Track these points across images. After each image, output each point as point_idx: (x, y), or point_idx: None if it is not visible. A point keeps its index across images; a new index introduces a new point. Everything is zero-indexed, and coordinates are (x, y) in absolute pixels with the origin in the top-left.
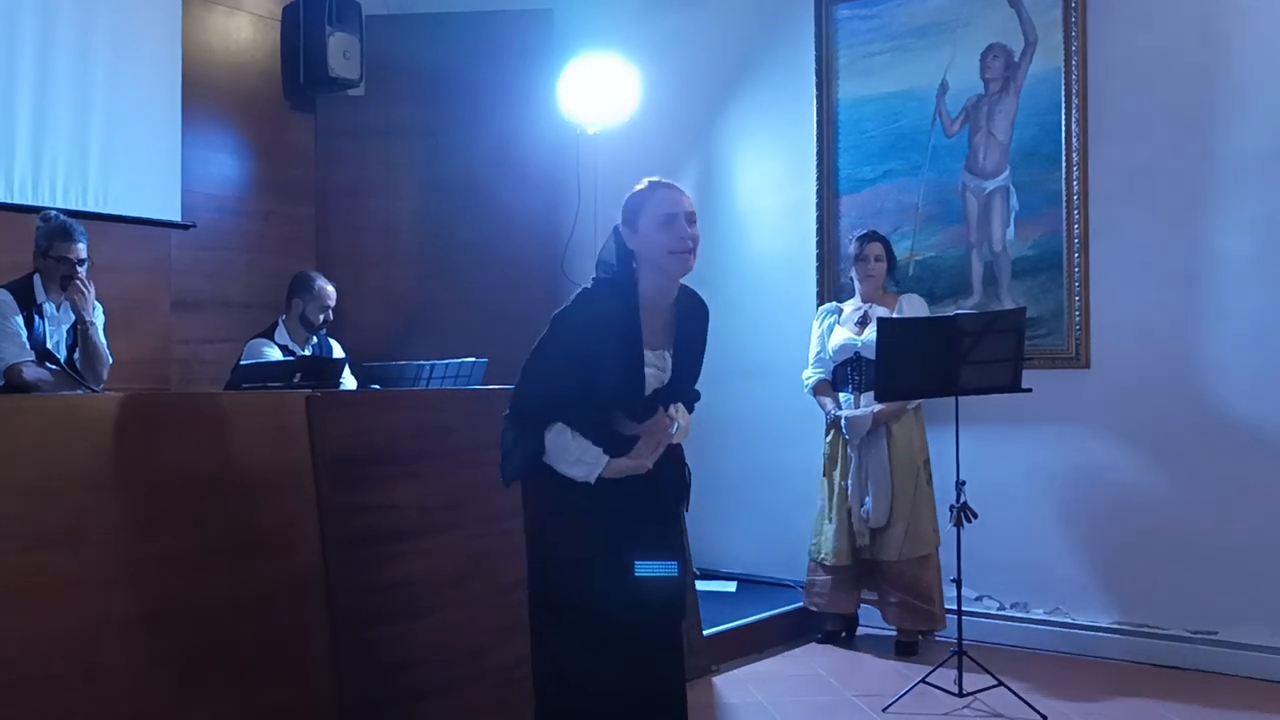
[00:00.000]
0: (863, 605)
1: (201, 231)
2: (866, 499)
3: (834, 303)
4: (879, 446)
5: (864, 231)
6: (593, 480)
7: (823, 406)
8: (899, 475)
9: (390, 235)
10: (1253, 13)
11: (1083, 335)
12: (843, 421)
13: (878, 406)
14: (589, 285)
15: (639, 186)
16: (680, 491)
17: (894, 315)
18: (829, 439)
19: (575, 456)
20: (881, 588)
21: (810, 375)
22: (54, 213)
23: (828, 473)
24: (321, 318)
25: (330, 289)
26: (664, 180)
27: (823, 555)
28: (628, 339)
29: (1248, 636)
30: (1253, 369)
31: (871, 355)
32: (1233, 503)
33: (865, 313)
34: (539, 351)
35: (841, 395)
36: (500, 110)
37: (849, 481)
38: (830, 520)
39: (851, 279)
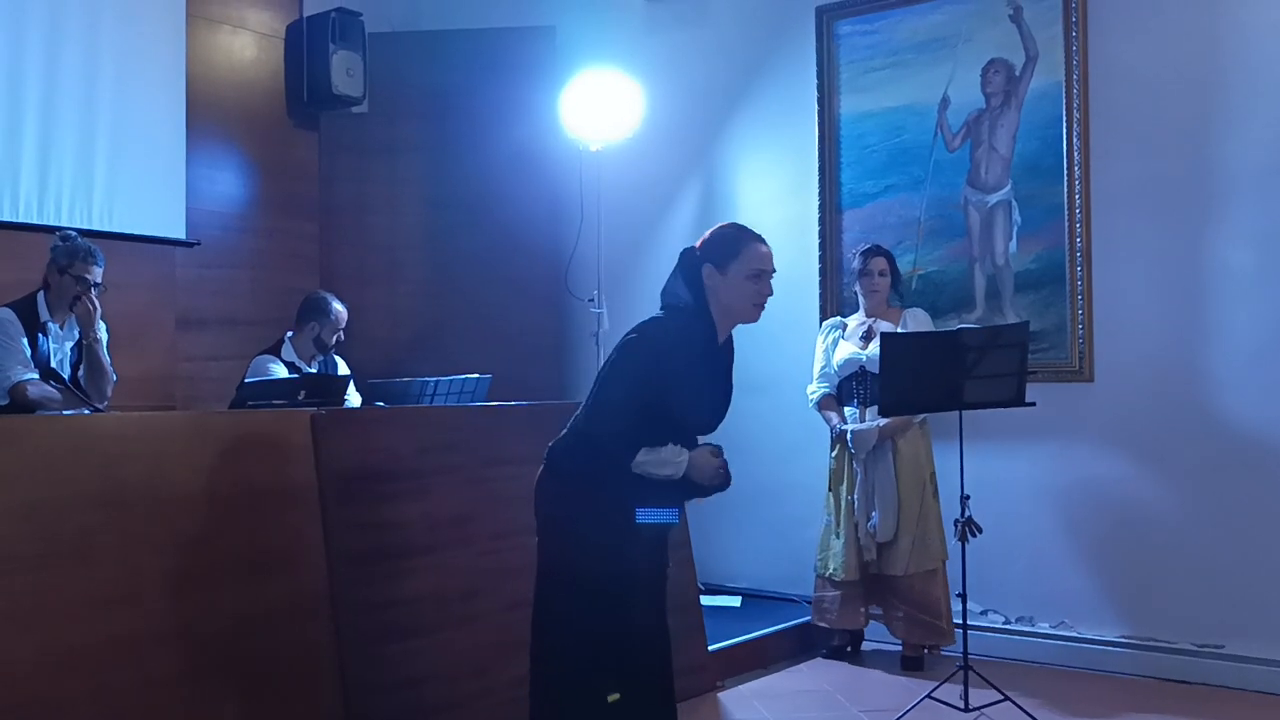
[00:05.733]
0: (870, 621)
1: (206, 249)
2: (873, 513)
3: (839, 317)
4: (885, 461)
5: (868, 246)
6: (680, 474)
7: (828, 421)
8: (905, 489)
9: (394, 252)
10: (1253, 26)
11: (1086, 349)
12: (848, 436)
13: (883, 420)
14: (663, 314)
15: (725, 226)
16: None
17: (899, 330)
18: (834, 453)
19: (668, 459)
20: (889, 602)
21: (815, 390)
22: (74, 234)
23: (834, 487)
24: (335, 339)
25: (345, 312)
26: (754, 230)
27: (831, 571)
28: (716, 369)
29: (1254, 650)
30: (1257, 382)
31: (876, 369)
32: (1238, 515)
33: (870, 327)
34: (619, 378)
35: (847, 409)
36: (503, 127)
37: (855, 496)
38: (838, 535)
39: (856, 293)
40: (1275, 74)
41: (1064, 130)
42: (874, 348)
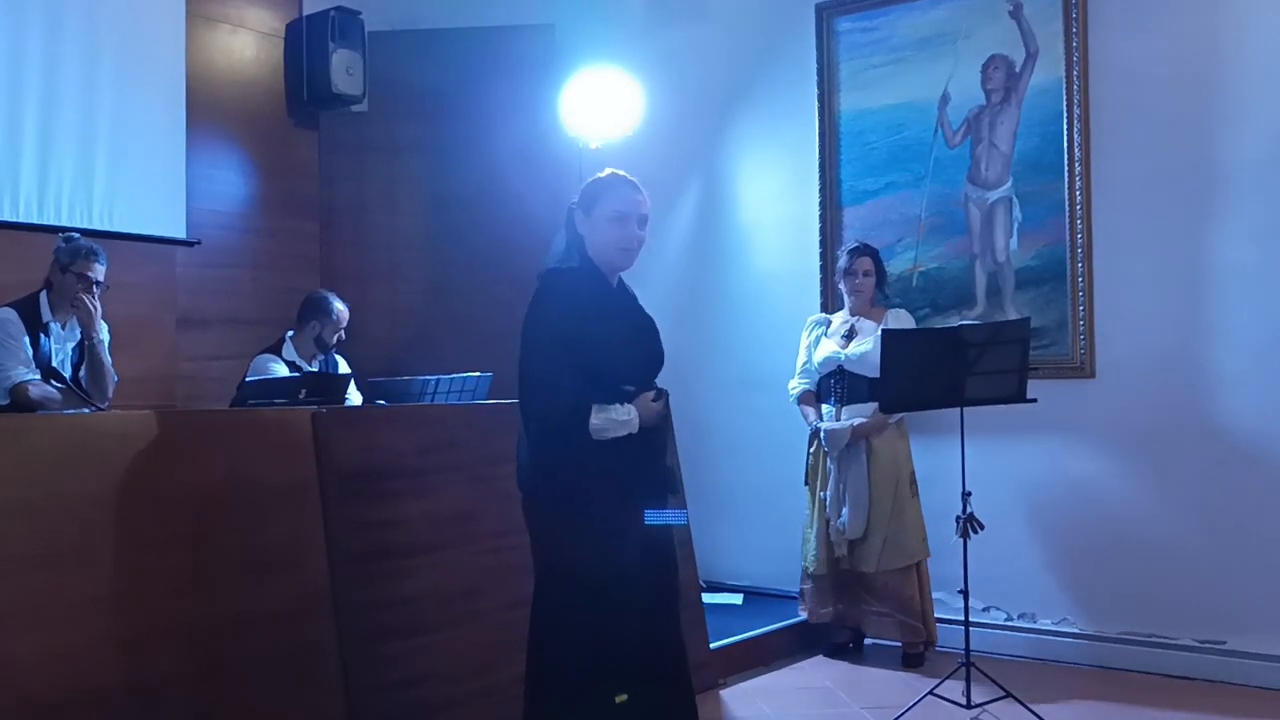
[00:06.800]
0: (837, 616)
1: (207, 248)
2: (844, 510)
3: (823, 314)
4: (858, 460)
5: (854, 245)
6: (636, 428)
7: (805, 417)
8: (877, 488)
9: (394, 250)
10: (1253, 22)
11: (1087, 345)
12: (821, 433)
13: (858, 420)
14: (548, 275)
15: (601, 174)
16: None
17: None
18: (811, 450)
19: (619, 419)
20: (862, 598)
21: (796, 385)
22: (77, 234)
23: (810, 483)
24: (336, 338)
25: (346, 311)
26: (627, 176)
27: (806, 563)
28: (619, 310)
29: (1256, 646)
30: (1258, 377)
31: (854, 369)
32: (1239, 511)
33: (852, 326)
34: (534, 356)
35: (825, 407)
36: (503, 125)
37: (827, 493)
38: (812, 528)
39: (841, 291)
40: (1275, 70)
41: (1064, 126)
42: (854, 347)
